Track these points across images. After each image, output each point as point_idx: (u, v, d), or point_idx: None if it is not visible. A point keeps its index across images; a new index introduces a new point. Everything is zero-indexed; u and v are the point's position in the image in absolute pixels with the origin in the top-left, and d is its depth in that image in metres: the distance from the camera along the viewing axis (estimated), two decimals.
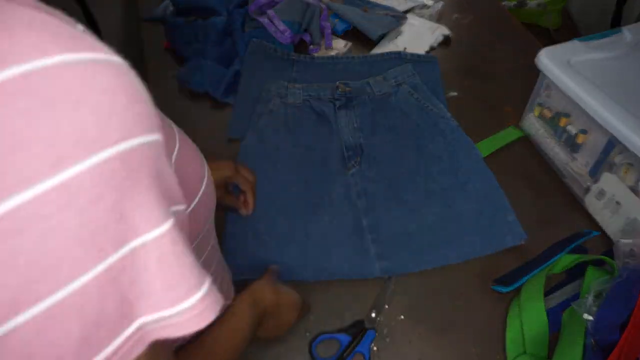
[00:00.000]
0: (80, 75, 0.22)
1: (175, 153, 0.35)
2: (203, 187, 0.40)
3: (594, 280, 0.60)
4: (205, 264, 0.47)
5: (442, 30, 1.04)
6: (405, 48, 1.00)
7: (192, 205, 0.37)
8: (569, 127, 0.75)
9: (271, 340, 0.60)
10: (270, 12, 0.97)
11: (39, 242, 0.21)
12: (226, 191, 0.71)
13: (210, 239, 0.48)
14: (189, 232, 0.36)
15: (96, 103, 0.23)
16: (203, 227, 0.42)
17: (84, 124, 0.22)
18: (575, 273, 0.66)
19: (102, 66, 0.23)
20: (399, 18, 1.05)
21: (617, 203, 0.68)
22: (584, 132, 0.73)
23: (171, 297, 0.27)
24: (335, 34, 1.05)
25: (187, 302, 0.28)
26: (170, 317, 0.27)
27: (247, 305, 0.52)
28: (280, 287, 0.58)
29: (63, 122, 0.21)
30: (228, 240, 0.71)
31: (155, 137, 0.26)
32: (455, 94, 0.93)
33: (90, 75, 0.23)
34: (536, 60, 0.76)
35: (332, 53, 1.00)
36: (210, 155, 0.70)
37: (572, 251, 0.68)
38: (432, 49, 1.03)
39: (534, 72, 0.78)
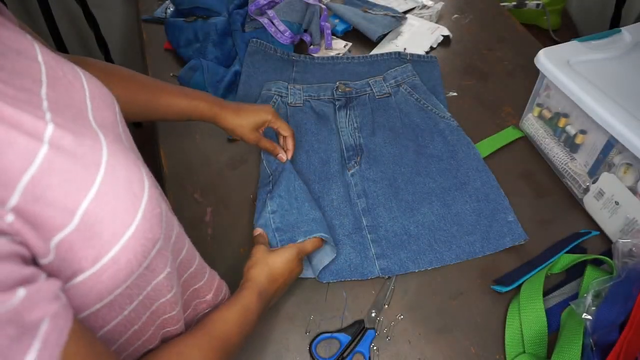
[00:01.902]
0: None
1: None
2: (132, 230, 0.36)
3: (592, 280, 0.60)
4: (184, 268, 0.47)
5: (442, 31, 1.04)
6: (405, 48, 1.01)
7: (116, 249, 0.34)
8: (568, 128, 0.75)
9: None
10: (270, 12, 0.97)
11: None
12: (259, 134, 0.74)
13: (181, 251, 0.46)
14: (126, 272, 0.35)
15: None
16: (138, 267, 0.37)
17: None
18: (575, 273, 0.66)
19: None
20: (398, 18, 1.06)
21: (616, 203, 0.68)
22: (583, 132, 0.73)
23: None
24: (335, 34, 1.05)
25: None
26: None
27: (251, 293, 0.55)
28: (268, 257, 0.60)
29: None
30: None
31: None
32: (455, 94, 0.94)
33: None
34: (535, 60, 0.76)
35: (332, 53, 1.00)
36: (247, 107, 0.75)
37: (571, 251, 0.68)
38: (432, 49, 1.03)
39: (534, 73, 0.78)
